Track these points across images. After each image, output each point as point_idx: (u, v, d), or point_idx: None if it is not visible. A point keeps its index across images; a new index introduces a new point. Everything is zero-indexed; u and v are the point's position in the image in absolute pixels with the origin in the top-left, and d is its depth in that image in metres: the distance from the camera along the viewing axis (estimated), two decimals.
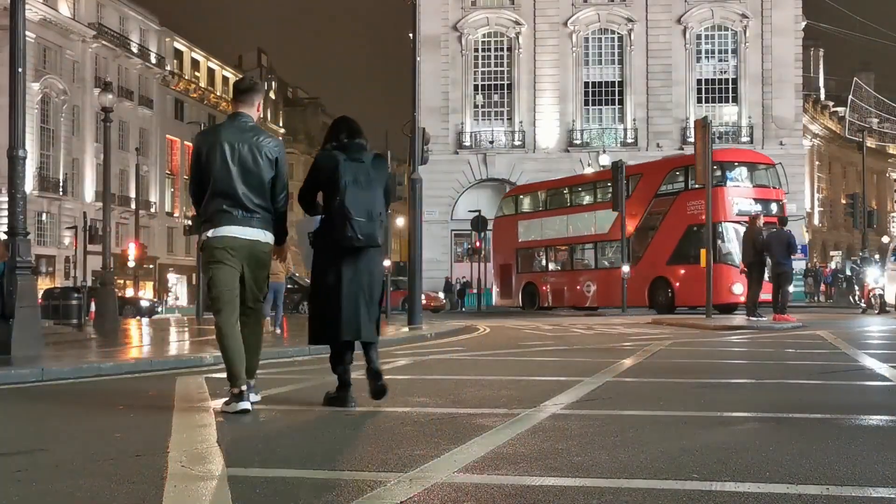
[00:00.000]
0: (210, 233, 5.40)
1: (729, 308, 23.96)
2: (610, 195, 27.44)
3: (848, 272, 35.96)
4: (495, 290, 35.25)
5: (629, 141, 46.07)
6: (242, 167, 5.34)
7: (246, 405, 5.26)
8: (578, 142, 46.53)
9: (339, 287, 5.43)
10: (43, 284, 38.45)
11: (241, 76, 77.25)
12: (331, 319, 5.46)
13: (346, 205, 5.24)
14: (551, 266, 32.19)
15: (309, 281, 5.83)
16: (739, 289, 22.19)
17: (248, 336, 5.47)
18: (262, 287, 5.59)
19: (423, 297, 37.48)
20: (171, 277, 63.94)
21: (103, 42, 56.63)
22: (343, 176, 5.27)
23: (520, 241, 33.03)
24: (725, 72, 46.52)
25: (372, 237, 5.35)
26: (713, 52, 46.74)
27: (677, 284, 25.75)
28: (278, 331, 14.94)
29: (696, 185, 24.40)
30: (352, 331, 5.48)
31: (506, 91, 47.22)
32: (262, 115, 5.79)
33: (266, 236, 5.49)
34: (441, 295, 40.86)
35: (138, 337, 15.25)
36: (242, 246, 5.38)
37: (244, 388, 5.30)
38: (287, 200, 5.64)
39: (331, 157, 5.39)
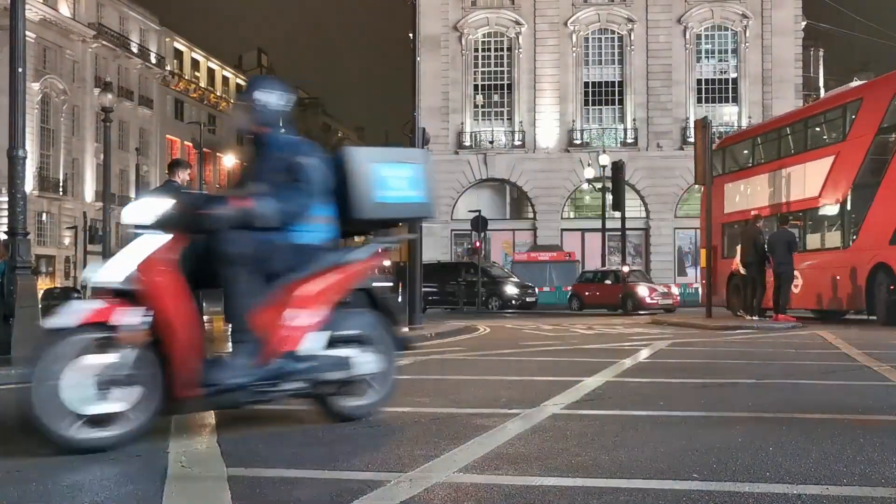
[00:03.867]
0: None
1: None
2: (827, 135, 19.23)
3: None
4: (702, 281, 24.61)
5: (629, 141, 46.06)
6: None
7: None
8: (578, 142, 46.53)
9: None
10: (43, 284, 38.43)
11: (245, 77, 77.34)
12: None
13: None
14: None
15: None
16: None
17: None
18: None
19: (646, 291, 29.80)
20: None
21: (103, 42, 56.64)
22: None
23: (725, 212, 22.24)
24: (725, 72, 46.51)
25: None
26: (713, 52, 46.72)
27: None
28: None
29: None
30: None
31: (506, 91, 47.21)
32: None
33: None
34: (674, 289, 31.96)
35: None
36: None
37: None
38: None
39: None
